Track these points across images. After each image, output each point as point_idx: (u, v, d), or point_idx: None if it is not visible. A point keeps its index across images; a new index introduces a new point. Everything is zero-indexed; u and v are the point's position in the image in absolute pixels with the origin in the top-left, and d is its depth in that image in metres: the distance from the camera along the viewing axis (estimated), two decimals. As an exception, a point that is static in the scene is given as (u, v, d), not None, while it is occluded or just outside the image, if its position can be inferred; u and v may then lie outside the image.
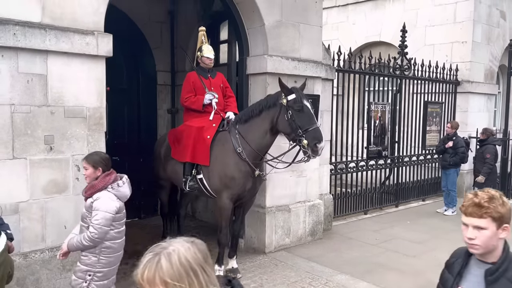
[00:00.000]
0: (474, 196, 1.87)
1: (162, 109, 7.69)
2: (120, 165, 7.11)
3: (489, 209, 1.82)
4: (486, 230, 1.84)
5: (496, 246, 1.88)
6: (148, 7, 7.27)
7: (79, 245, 3.24)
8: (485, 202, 1.83)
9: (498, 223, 1.84)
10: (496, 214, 1.83)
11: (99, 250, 3.27)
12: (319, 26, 6.21)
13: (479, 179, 7.70)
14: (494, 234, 1.85)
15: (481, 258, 1.93)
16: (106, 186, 3.28)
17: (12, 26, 3.61)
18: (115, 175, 3.38)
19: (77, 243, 3.24)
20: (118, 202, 3.33)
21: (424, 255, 5.95)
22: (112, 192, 3.30)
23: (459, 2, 9.81)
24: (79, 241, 3.23)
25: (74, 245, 3.26)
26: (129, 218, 7.26)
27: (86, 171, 3.36)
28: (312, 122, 4.40)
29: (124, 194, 3.40)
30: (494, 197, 1.85)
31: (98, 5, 4.13)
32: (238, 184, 4.69)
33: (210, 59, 5.21)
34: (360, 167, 8.10)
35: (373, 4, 11.37)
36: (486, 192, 1.88)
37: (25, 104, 3.79)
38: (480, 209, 1.83)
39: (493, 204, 1.83)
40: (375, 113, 8.14)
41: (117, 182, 3.34)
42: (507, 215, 1.87)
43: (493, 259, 1.89)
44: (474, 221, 1.85)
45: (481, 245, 1.86)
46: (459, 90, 9.94)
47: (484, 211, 1.82)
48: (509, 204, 1.86)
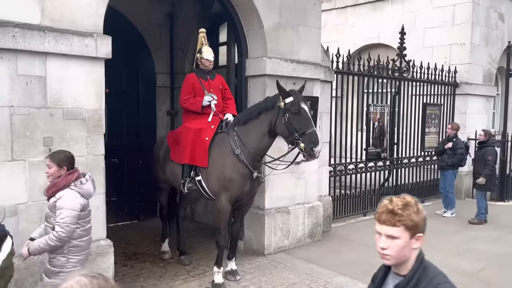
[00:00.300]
0: (388, 203, 1.75)
1: (161, 111, 7.70)
2: (119, 167, 7.19)
3: (402, 217, 1.70)
4: (399, 239, 1.71)
5: (408, 257, 1.76)
6: (147, 9, 7.28)
7: (45, 247, 3.13)
8: (399, 209, 1.70)
9: (411, 232, 1.72)
10: (410, 223, 1.70)
11: (67, 250, 3.20)
12: (318, 28, 6.23)
13: (480, 180, 7.70)
14: (407, 244, 1.72)
15: (395, 270, 1.82)
16: (69, 184, 3.22)
17: (11, 28, 3.62)
18: (78, 173, 3.31)
19: (43, 245, 3.12)
20: (82, 199, 3.27)
21: (423, 257, 5.94)
22: (75, 190, 3.24)
23: (458, 4, 9.84)
24: (44, 243, 3.11)
25: (39, 248, 3.14)
26: (129, 220, 7.39)
27: (49, 170, 3.25)
28: (309, 126, 4.40)
29: (87, 191, 3.34)
30: (409, 204, 1.73)
31: (97, 7, 4.14)
32: (237, 186, 4.69)
33: (209, 61, 5.22)
34: (359, 169, 8.10)
35: (371, 7, 11.40)
36: (402, 198, 1.76)
37: (24, 106, 3.79)
38: (393, 217, 1.70)
39: (407, 212, 1.71)
40: (374, 115, 8.15)
41: (80, 179, 3.28)
42: (421, 223, 1.75)
43: (405, 271, 1.77)
44: (387, 230, 1.72)
45: (393, 255, 1.74)
46: (457, 92, 9.96)
47: (397, 219, 1.70)
48: (423, 212, 1.76)
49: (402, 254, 1.74)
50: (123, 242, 6.25)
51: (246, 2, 5.52)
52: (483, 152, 7.87)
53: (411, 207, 1.72)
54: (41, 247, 3.13)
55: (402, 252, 1.73)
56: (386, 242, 1.73)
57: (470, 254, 6.09)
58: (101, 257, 4.29)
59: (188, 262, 5.50)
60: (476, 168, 8.12)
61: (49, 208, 3.28)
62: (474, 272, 5.39)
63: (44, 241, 3.13)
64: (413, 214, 1.71)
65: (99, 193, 4.29)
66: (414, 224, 1.71)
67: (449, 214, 8.26)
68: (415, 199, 1.78)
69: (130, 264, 5.52)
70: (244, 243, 6.00)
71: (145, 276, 5.14)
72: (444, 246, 6.42)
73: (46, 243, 3.13)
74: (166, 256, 5.69)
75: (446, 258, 5.91)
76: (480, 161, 7.92)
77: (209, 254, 5.82)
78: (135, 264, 5.51)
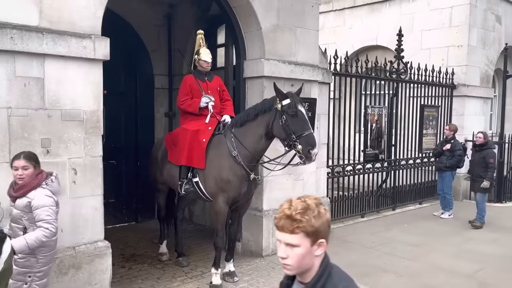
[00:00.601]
0: (287, 207, 1.58)
1: (160, 112, 7.70)
2: (117, 169, 7.19)
3: (301, 223, 1.53)
4: (299, 247, 1.55)
5: (311, 264, 1.60)
6: (145, 11, 7.28)
7: (34, 244, 3.09)
8: (298, 214, 1.54)
9: (312, 239, 1.56)
10: (309, 229, 1.54)
11: (38, 250, 3.22)
12: (315, 30, 6.25)
13: (485, 184, 7.49)
14: (308, 252, 1.56)
15: (300, 278, 1.67)
16: (41, 183, 3.28)
17: (9, 30, 3.62)
18: (45, 172, 3.38)
19: (32, 242, 3.08)
20: (54, 197, 3.34)
21: (420, 258, 5.97)
22: (47, 188, 3.30)
23: (455, 6, 9.88)
24: (34, 239, 3.08)
25: (27, 245, 3.06)
26: (126, 222, 7.38)
27: (25, 171, 3.24)
28: (306, 128, 4.38)
29: (56, 189, 3.41)
30: (309, 208, 1.56)
31: (95, 9, 4.14)
32: (234, 187, 4.69)
33: (207, 62, 5.22)
34: (357, 170, 8.12)
35: (369, 8, 11.44)
36: (302, 201, 1.59)
37: (22, 107, 3.79)
38: (291, 223, 1.54)
39: (307, 217, 1.54)
40: (372, 117, 8.17)
41: (50, 178, 3.35)
42: (323, 228, 1.58)
43: (309, 279, 1.62)
44: (286, 237, 1.56)
45: (294, 265, 1.58)
46: (455, 94, 9.99)
47: (296, 225, 1.54)
48: (327, 215, 1.60)
49: (303, 263, 1.59)
50: (121, 243, 6.25)
51: (244, 4, 5.53)
52: (483, 155, 7.67)
53: (311, 211, 1.55)
54: (30, 244, 3.09)
55: (303, 261, 1.58)
56: (286, 251, 1.57)
57: (467, 255, 6.11)
58: (99, 259, 4.28)
59: (186, 264, 5.50)
60: (475, 171, 7.87)
61: (19, 209, 3.28)
62: (471, 273, 5.41)
63: (34, 238, 3.11)
64: (313, 219, 1.55)
65: (97, 194, 4.30)
66: (314, 230, 1.55)
67: (446, 215, 8.28)
68: (317, 201, 1.61)
69: (128, 265, 5.51)
70: (242, 244, 6.00)
71: (143, 277, 5.13)
72: (441, 248, 6.44)
73: (36, 239, 3.10)
74: (164, 258, 5.69)
75: (444, 259, 5.93)
76: (480, 164, 7.73)
77: (207, 255, 5.81)
78: (133, 266, 5.50)
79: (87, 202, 4.23)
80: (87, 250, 4.22)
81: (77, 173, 4.13)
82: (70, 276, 4.11)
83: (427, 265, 5.70)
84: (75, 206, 4.15)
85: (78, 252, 4.16)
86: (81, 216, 4.21)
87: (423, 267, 5.64)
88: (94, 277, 4.26)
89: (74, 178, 4.12)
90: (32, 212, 3.21)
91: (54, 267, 3.97)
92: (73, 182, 4.12)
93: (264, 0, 5.56)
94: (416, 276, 5.34)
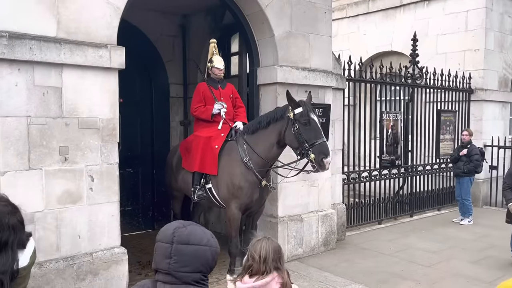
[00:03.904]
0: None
1: (175, 121, 7.78)
2: (134, 177, 7.27)
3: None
4: None
5: None
6: (160, 21, 7.41)
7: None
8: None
9: None
10: None
11: None
12: (329, 36, 6.26)
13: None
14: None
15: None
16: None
17: (28, 41, 3.73)
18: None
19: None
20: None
21: (439, 265, 5.86)
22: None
23: (471, 10, 9.78)
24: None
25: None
26: (143, 229, 7.44)
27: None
28: (318, 136, 4.35)
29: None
30: None
31: (111, 19, 4.24)
32: (246, 194, 4.69)
33: (220, 69, 5.28)
34: (373, 177, 8.04)
35: (383, 14, 11.40)
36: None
37: (40, 116, 3.88)
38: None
39: None
40: (387, 122, 8.10)
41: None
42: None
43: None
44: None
45: None
46: (472, 98, 9.85)
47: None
48: None
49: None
50: (138, 251, 6.29)
51: (257, 12, 5.59)
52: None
53: None
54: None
55: None
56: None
57: (488, 262, 5.97)
58: (116, 265, 4.33)
59: (201, 271, 5.50)
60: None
61: None
62: (492, 280, 5.28)
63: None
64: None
65: (113, 201, 4.36)
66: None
67: (466, 222, 8.11)
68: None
69: (144, 272, 5.54)
70: (257, 251, 5.97)
71: (159, 284, 5.15)
72: (461, 254, 6.32)
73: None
74: (180, 265, 5.70)
75: (463, 266, 5.82)
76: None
77: (223, 262, 5.80)
78: (149, 273, 5.51)
79: (104, 209, 4.29)
80: (104, 256, 4.27)
81: (94, 180, 4.20)
82: (88, 282, 4.16)
83: (447, 272, 5.59)
84: (92, 213, 4.21)
85: (95, 258, 4.21)
86: (98, 223, 4.26)
87: (442, 274, 5.54)
88: (111, 283, 4.30)
89: (91, 185, 4.19)
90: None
91: (72, 273, 4.05)
92: (90, 189, 4.19)
93: (276, 8, 5.61)
94: (435, 283, 5.24)
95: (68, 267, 4.04)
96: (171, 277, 1.67)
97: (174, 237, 1.70)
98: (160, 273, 1.71)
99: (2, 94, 3.69)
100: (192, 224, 1.79)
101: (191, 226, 1.75)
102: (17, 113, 3.77)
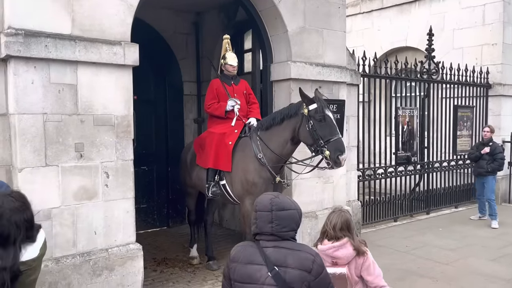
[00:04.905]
0: None
1: (189, 118, 7.81)
2: (148, 174, 7.32)
3: None
4: None
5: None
6: (173, 19, 7.44)
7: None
8: None
9: None
10: None
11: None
12: (342, 31, 6.19)
13: None
14: None
15: None
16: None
17: (43, 38, 3.76)
18: None
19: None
20: None
21: (457, 263, 5.76)
22: None
23: (488, 4, 9.59)
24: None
25: None
26: (158, 227, 7.48)
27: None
28: (334, 133, 4.29)
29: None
30: None
31: (124, 16, 4.26)
32: (260, 190, 4.65)
33: (233, 66, 5.27)
34: (389, 174, 7.95)
35: (398, 9, 11.25)
36: None
37: (56, 113, 3.92)
38: None
39: None
40: (403, 118, 8.00)
41: None
42: None
43: None
44: None
45: None
46: (490, 94, 9.66)
47: None
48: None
49: None
50: (153, 248, 6.34)
51: (270, 7, 5.56)
52: None
53: None
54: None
55: None
56: None
57: (507, 260, 5.85)
58: (131, 261, 4.35)
59: (216, 267, 5.51)
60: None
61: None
62: (510, 277, 5.18)
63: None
64: None
65: (129, 197, 4.38)
66: None
67: (496, 224, 7.55)
68: None
69: (159, 269, 5.58)
70: (272, 248, 5.95)
71: (174, 280, 5.18)
72: (479, 252, 6.21)
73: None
74: (194, 262, 5.72)
75: (482, 263, 5.72)
76: None
77: (237, 259, 5.80)
78: (164, 270, 5.56)
79: (119, 205, 4.31)
80: (120, 252, 4.30)
81: (109, 176, 4.23)
82: (104, 277, 4.19)
83: (464, 270, 5.50)
84: (107, 209, 4.24)
85: (111, 254, 4.24)
86: (114, 219, 4.29)
87: (460, 271, 5.44)
88: (127, 279, 4.33)
89: (106, 182, 4.22)
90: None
91: (88, 268, 4.09)
92: (105, 185, 4.22)
93: (289, 3, 5.57)
94: (453, 280, 5.15)
95: (85, 262, 4.07)
96: (274, 237, 2.14)
97: (272, 206, 2.14)
98: (263, 235, 2.16)
99: (18, 92, 3.74)
100: (279, 194, 2.26)
101: (280, 196, 2.21)
102: (33, 110, 3.81)
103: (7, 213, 2.03)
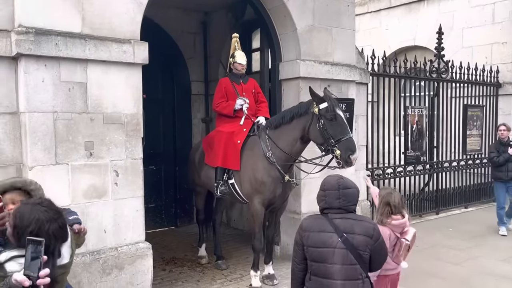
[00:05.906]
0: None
1: (197, 118, 7.80)
2: (156, 174, 7.32)
3: None
4: None
5: None
6: (181, 18, 7.44)
7: None
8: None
9: None
10: None
11: None
12: (352, 29, 6.15)
13: None
14: None
15: None
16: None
17: (54, 37, 3.77)
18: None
19: None
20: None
21: (468, 263, 5.70)
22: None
23: (498, 2, 9.51)
24: None
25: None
26: (166, 226, 7.48)
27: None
28: (345, 132, 4.24)
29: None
30: None
31: (134, 14, 4.25)
32: (268, 189, 4.63)
33: (242, 65, 5.25)
34: (398, 173, 7.88)
35: (406, 8, 11.19)
36: None
37: (66, 111, 3.92)
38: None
39: None
40: (412, 118, 7.94)
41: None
42: None
43: None
44: None
45: None
46: (501, 93, 9.57)
47: None
48: None
49: None
50: (161, 247, 6.33)
51: (279, 6, 5.54)
52: None
53: None
54: None
55: None
56: None
57: (520, 260, 5.79)
58: (140, 259, 4.34)
59: (225, 267, 5.50)
60: None
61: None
62: (525, 278, 5.11)
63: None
64: None
65: (138, 196, 4.38)
66: None
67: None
68: None
69: (168, 268, 5.57)
70: (281, 248, 5.93)
71: (183, 280, 5.17)
72: (490, 252, 6.14)
73: None
74: (203, 261, 5.71)
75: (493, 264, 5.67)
76: None
77: (246, 259, 5.79)
78: (173, 269, 5.55)
79: (129, 204, 4.31)
80: (129, 251, 4.29)
81: (118, 175, 4.23)
82: (113, 276, 4.19)
83: (475, 270, 5.44)
84: (117, 207, 4.24)
85: (120, 253, 4.24)
86: (123, 218, 4.29)
87: (471, 272, 5.38)
88: (136, 277, 4.32)
89: (116, 180, 4.21)
90: None
91: (98, 267, 4.09)
92: (115, 184, 4.21)
93: (299, 1, 5.54)
94: (464, 280, 5.10)
95: (94, 261, 4.08)
96: (341, 210, 2.65)
97: (339, 185, 2.66)
98: (331, 209, 2.67)
99: (29, 90, 3.75)
100: (342, 176, 2.78)
101: (344, 177, 2.74)
102: (44, 109, 3.81)
103: (45, 226, 2.04)
